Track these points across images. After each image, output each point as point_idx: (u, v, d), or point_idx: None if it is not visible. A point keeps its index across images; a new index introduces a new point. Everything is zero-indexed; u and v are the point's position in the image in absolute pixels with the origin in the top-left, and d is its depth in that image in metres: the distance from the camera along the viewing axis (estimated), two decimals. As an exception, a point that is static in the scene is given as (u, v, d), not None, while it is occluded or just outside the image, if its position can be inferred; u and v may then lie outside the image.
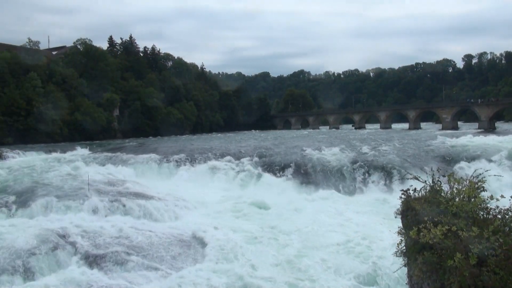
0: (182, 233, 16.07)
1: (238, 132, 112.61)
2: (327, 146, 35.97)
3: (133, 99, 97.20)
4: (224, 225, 17.53)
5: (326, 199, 23.66)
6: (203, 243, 14.80)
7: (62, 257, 12.91)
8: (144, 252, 13.68)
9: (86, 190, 20.98)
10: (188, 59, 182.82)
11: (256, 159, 32.04)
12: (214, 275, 11.92)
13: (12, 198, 19.85)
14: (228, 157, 32.88)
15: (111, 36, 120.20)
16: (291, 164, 30.18)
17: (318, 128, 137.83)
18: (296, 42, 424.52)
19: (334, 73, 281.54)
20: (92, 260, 12.81)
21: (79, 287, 11.26)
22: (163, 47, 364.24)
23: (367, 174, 27.77)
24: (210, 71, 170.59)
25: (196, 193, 24.71)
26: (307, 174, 28.78)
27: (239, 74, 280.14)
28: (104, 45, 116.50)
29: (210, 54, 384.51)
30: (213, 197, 24.10)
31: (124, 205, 19.04)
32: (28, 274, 11.91)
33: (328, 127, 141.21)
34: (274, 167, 30.24)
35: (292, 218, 18.89)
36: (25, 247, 12.75)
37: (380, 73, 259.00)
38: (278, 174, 29.39)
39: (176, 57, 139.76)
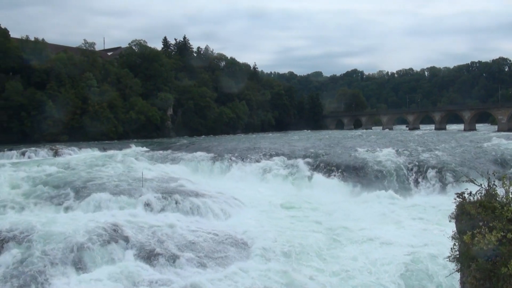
0: (233, 231, 16.16)
1: (290, 131, 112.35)
2: (381, 147, 35.42)
3: (187, 98, 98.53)
4: (276, 227, 17.23)
5: (383, 205, 22.19)
6: (253, 243, 14.78)
7: (115, 250, 13.28)
8: (195, 249, 13.89)
9: (140, 187, 21.48)
10: (240, 59, 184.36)
11: (308, 159, 31.62)
12: (264, 277, 11.95)
13: (68, 193, 20.52)
14: (281, 157, 32.82)
15: (165, 37, 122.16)
16: (344, 165, 29.55)
17: (371, 129, 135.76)
18: (349, 41, 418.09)
19: (387, 72, 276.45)
20: (144, 255, 13.13)
21: (130, 280, 11.58)
22: (216, 47, 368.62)
23: (422, 177, 26.78)
24: (262, 70, 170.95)
25: (248, 192, 24.79)
26: (361, 176, 27.99)
27: (291, 73, 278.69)
28: (159, 46, 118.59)
29: (262, 54, 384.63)
30: (265, 197, 24.05)
31: (176, 202, 19.34)
32: (81, 266, 12.34)
33: (381, 127, 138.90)
34: (327, 168, 29.65)
35: (353, 231, 16.86)
36: (79, 240, 13.21)
37: (435, 73, 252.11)
38: (331, 176, 28.66)
39: (229, 57, 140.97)
